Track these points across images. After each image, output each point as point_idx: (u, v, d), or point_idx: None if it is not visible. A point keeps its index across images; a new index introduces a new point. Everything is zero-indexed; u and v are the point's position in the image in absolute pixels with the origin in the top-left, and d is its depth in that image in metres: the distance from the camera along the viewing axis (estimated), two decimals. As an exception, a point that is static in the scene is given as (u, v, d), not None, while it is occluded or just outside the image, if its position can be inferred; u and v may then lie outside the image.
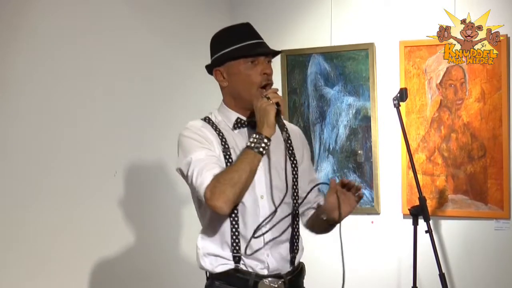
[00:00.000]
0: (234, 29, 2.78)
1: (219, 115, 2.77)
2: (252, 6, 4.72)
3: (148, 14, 4.10)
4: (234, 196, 2.53)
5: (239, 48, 2.69)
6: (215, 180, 2.53)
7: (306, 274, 2.92)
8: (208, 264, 2.69)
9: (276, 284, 2.69)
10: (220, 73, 2.74)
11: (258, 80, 2.68)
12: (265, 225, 2.67)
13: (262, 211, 2.68)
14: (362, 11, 4.37)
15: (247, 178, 2.55)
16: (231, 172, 2.55)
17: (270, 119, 2.58)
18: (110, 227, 3.86)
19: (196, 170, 2.57)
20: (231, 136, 2.71)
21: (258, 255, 2.67)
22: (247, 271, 2.66)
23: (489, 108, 4.02)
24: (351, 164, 4.38)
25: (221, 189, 2.51)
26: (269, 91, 2.64)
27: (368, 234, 4.35)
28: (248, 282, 2.66)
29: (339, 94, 4.41)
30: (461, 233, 4.12)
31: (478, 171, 4.06)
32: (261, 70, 2.68)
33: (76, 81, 3.72)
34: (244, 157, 2.57)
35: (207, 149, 2.63)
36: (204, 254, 2.70)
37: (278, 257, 2.72)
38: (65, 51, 3.67)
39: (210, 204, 2.53)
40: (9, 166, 3.44)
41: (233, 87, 2.72)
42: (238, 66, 2.69)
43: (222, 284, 2.68)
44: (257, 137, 2.58)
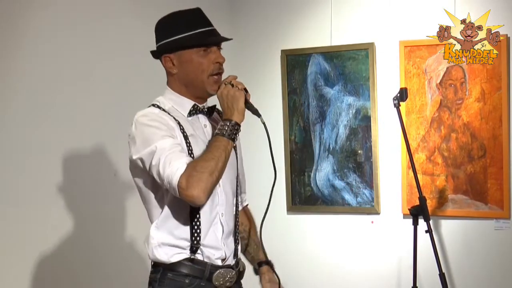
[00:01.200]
0: (185, 15, 2.68)
1: (168, 103, 2.65)
2: (252, 6, 4.72)
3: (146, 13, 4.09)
4: (212, 184, 2.45)
5: (192, 36, 2.61)
6: (190, 168, 2.42)
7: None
8: (163, 255, 2.59)
9: (230, 274, 2.66)
10: (170, 59, 2.64)
11: (210, 69, 2.62)
12: (222, 213, 2.65)
13: (220, 199, 2.65)
14: (362, 11, 4.37)
15: (223, 166, 2.49)
16: (207, 160, 2.46)
17: (240, 105, 2.56)
18: (110, 227, 3.86)
19: (163, 160, 2.46)
20: (187, 124, 2.63)
21: (216, 244, 2.63)
22: (202, 261, 2.60)
23: (489, 108, 4.02)
24: (351, 164, 4.38)
25: (198, 178, 2.41)
26: (230, 77, 2.62)
27: (368, 234, 4.35)
28: (204, 273, 2.60)
29: (339, 94, 4.41)
30: (461, 233, 4.12)
31: (478, 171, 4.06)
32: (214, 58, 2.63)
33: (76, 81, 3.72)
34: (217, 144, 2.50)
35: (170, 137, 2.51)
36: (158, 244, 2.60)
37: (230, 247, 2.69)
38: (66, 51, 3.67)
39: (186, 193, 2.41)
40: (9, 166, 3.44)
41: (184, 75, 2.64)
42: (190, 54, 2.62)
43: (176, 276, 2.59)
44: (228, 124, 2.53)
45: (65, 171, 3.67)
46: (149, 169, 2.51)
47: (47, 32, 3.61)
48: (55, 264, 3.63)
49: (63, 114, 3.66)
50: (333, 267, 4.45)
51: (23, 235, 3.47)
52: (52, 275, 3.61)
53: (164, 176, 2.45)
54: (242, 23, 4.74)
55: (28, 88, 3.52)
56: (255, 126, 4.69)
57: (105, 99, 3.85)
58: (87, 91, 3.75)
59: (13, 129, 3.46)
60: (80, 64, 3.74)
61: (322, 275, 4.48)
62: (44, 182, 3.56)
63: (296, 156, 4.53)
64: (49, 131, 3.59)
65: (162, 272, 2.60)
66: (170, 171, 2.44)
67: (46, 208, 3.58)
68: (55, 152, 3.63)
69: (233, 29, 4.75)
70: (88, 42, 3.77)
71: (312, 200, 4.49)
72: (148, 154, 2.50)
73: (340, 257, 4.43)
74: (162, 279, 2.60)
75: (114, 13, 3.96)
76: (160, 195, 2.60)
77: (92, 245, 3.78)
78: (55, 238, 3.63)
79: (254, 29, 4.70)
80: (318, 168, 4.47)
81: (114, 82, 3.91)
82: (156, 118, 2.56)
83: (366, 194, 4.33)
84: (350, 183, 4.38)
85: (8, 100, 3.45)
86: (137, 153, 2.53)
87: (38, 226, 3.55)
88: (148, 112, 2.59)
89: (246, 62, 4.71)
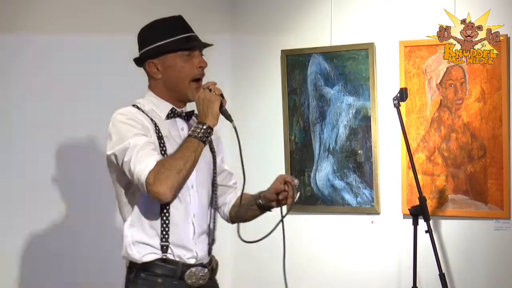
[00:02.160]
0: (167, 22, 2.78)
1: (147, 105, 2.74)
2: (252, 6, 4.72)
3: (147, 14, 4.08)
4: (178, 183, 2.53)
5: (175, 41, 2.71)
6: (159, 166, 2.51)
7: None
8: (136, 253, 2.65)
9: (202, 272, 2.71)
10: (154, 65, 2.73)
11: (193, 73, 2.72)
12: (194, 214, 2.70)
13: (193, 200, 2.71)
14: (362, 11, 4.37)
15: (191, 166, 2.56)
16: (176, 158, 2.54)
17: (215, 109, 2.63)
18: (110, 227, 3.86)
19: (134, 156, 2.54)
20: (164, 125, 2.71)
21: (187, 244, 2.68)
22: (174, 260, 2.66)
23: (489, 108, 4.02)
24: (351, 164, 4.38)
25: (165, 175, 2.49)
26: (209, 83, 2.68)
27: (368, 234, 4.35)
28: (176, 272, 2.65)
29: (339, 94, 4.41)
30: (461, 233, 4.12)
31: (478, 171, 4.06)
32: (197, 63, 2.73)
33: (76, 81, 3.72)
34: (188, 145, 2.57)
35: (144, 136, 2.60)
36: (132, 242, 2.66)
37: (202, 247, 2.74)
38: (66, 51, 3.68)
39: (153, 189, 2.49)
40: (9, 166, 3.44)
41: (168, 79, 2.73)
42: (174, 58, 2.71)
43: (149, 275, 2.65)
44: (200, 127, 2.60)
45: (65, 171, 3.67)
46: (122, 165, 2.58)
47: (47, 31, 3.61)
48: (55, 264, 3.63)
49: (64, 113, 3.66)
50: (333, 267, 4.44)
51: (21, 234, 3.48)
52: (51, 275, 3.61)
53: (134, 172, 2.53)
54: (242, 23, 4.73)
55: (28, 88, 3.52)
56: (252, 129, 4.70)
57: (106, 99, 3.84)
58: (87, 91, 3.75)
59: (13, 129, 3.46)
60: (81, 64, 3.74)
61: (322, 275, 4.47)
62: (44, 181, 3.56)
63: (296, 156, 4.53)
64: (49, 131, 3.59)
65: (136, 273, 2.67)
66: (140, 167, 2.51)
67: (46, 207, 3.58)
68: (56, 152, 3.63)
69: (233, 29, 4.75)
70: (87, 43, 3.77)
71: (312, 200, 4.49)
72: (121, 150, 2.58)
73: (340, 257, 4.42)
74: (135, 279, 2.66)
75: (113, 13, 3.96)
76: (131, 193, 2.66)
77: (92, 244, 3.78)
78: (54, 237, 3.63)
79: (254, 29, 4.70)
80: (318, 168, 4.47)
81: (115, 82, 3.91)
82: (132, 117, 2.64)
83: (366, 194, 4.33)
84: (350, 183, 4.38)
85: (7, 99, 3.45)
86: (111, 149, 2.61)
87: (38, 226, 3.56)
88: (125, 110, 2.68)
89: (246, 62, 4.72)
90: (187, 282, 2.67)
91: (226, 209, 2.93)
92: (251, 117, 4.66)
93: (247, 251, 4.70)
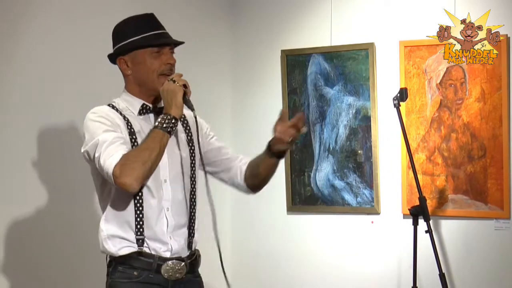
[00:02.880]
0: (139, 19, 2.83)
1: (122, 102, 2.81)
2: (252, 6, 4.72)
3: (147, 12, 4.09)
4: (144, 173, 2.57)
5: (145, 38, 2.76)
6: (124, 158, 2.56)
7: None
8: (111, 247, 2.71)
9: (179, 266, 2.74)
10: (124, 61, 2.79)
11: (161, 69, 2.76)
12: (168, 208, 2.74)
13: (165, 194, 2.74)
14: (362, 11, 4.37)
15: (157, 156, 2.59)
16: (141, 150, 2.59)
17: (178, 99, 2.65)
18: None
19: (103, 151, 2.59)
20: (136, 121, 2.76)
21: (162, 237, 2.72)
22: (150, 253, 2.70)
23: (489, 108, 4.02)
24: (351, 164, 4.38)
25: (131, 166, 2.54)
26: (174, 75, 2.72)
27: (368, 234, 4.35)
28: (152, 265, 2.70)
29: (339, 94, 4.41)
30: (461, 233, 4.12)
31: (478, 171, 4.06)
32: (165, 59, 2.77)
33: (77, 81, 3.72)
34: (153, 136, 2.61)
35: (113, 131, 2.65)
36: (107, 236, 2.72)
37: (179, 240, 2.76)
38: (66, 51, 3.67)
39: (120, 181, 2.54)
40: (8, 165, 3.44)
41: (137, 75, 2.78)
42: (143, 55, 2.76)
43: (126, 268, 2.70)
44: (164, 118, 2.64)
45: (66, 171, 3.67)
46: (93, 161, 2.64)
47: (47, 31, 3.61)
48: (55, 264, 3.63)
49: (64, 113, 3.66)
50: (333, 267, 4.44)
51: (20, 234, 3.47)
52: (50, 275, 3.61)
53: (104, 167, 2.58)
54: (242, 23, 4.73)
55: (27, 88, 3.52)
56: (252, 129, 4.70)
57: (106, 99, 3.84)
58: (86, 91, 3.74)
59: (13, 129, 3.46)
60: (81, 64, 3.74)
61: (322, 275, 4.47)
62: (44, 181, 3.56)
63: (296, 156, 4.53)
64: (50, 130, 3.59)
65: (114, 266, 2.73)
66: (109, 161, 2.57)
67: (46, 207, 3.58)
68: (56, 152, 3.63)
69: (233, 29, 4.75)
70: (88, 43, 3.77)
71: (312, 200, 4.49)
72: (92, 146, 2.64)
73: (340, 257, 4.42)
74: (114, 272, 2.73)
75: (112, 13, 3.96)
76: (108, 188, 2.71)
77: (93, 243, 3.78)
78: (53, 238, 3.63)
79: (254, 29, 4.70)
80: (318, 168, 4.47)
81: (115, 82, 3.90)
82: (102, 115, 2.71)
83: (366, 194, 4.33)
84: (350, 183, 4.38)
85: (7, 99, 3.45)
86: (84, 147, 2.68)
87: (38, 226, 3.55)
88: (97, 109, 2.75)
89: (246, 62, 4.72)
90: (164, 276, 2.71)
91: (239, 179, 2.95)
92: (251, 117, 4.66)
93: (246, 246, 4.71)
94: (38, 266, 3.60)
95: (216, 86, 4.59)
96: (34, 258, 3.59)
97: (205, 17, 4.57)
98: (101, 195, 2.77)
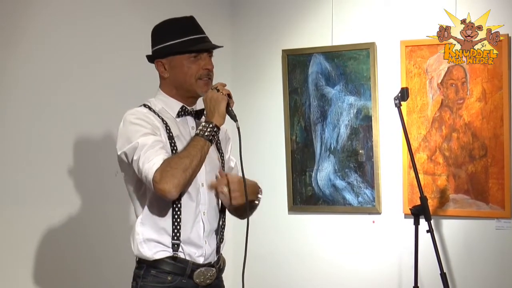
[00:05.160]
0: (178, 22, 2.82)
1: (158, 104, 2.80)
2: (252, 6, 4.72)
3: (147, 13, 4.10)
4: (184, 181, 2.57)
5: (183, 42, 2.75)
6: (165, 164, 2.55)
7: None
8: (147, 250, 2.70)
9: (211, 272, 2.76)
10: (162, 64, 2.79)
11: (199, 74, 2.75)
12: (204, 212, 2.75)
13: (203, 198, 2.76)
14: (363, 11, 4.38)
15: (198, 164, 2.60)
16: (182, 157, 2.58)
17: (221, 109, 2.66)
18: (111, 227, 3.87)
19: (143, 155, 2.58)
20: (174, 124, 2.76)
21: (197, 242, 2.73)
22: (184, 259, 2.71)
23: (490, 108, 4.02)
24: (352, 164, 4.38)
25: (172, 173, 2.53)
26: (218, 83, 2.71)
27: (369, 233, 4.35)
28: (186, 271, 2.71)
29: (340, 94, 4.41)
30: (462, 233, 4.12)
31: (479, 171, 4.06)
32: (203, 65, 2.76)
33: (77, 81, 3.73)
34: (194, 143, 2.61)
35: (153, 135, 2.64)
36: (144, 240, 2.71)
37: (212, 245, 2.78)
38: (67, 51, 3.68)
39: (159, 187, 2.54)
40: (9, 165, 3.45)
41: (175, 78, 2.77)
42: (181, 60, 2.75)
43: (159, 273, 2.70)
44: (207, 126, 2.64)
45: (66, 171, 3.67)
46: (131, 164, 2.63)
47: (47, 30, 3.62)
48: (55, 263, 3.64)
49: (64, 113, 3.67)
50: (335, 267, 4.45)
51: (22, 234, 3.48)
52: (51, 274, 3.62)
53: (143, 171, 2.57)
54: (243, 23, 4.74)
55: (28, 87, 3.53)
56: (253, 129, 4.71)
57: (106, 99, 3.85)
58: (88, 90, 3.75)
59: (13, 129, 3.47)
60: (81, 63, 3.75)
61: (323, 274, 4.48)
62: (44, 181, 3.57)
63: (297, 156, 4.53)
64: (50, 130, 3.60)
65: (146, 269, 2.72)
66: (148, 166, 2.56)
67: (47, 207, 3.59)
68: (56, 152, 3.64)
69: (234, 29, 4.76)
70: (88, 42, 3.78)
71: (313, 200, 4.49)
72: (131, 149, 2.62)
73: (341, 257, 4.43)
74: (146, 275, 2.71)
75: (114, 12, 3.96)
76: (143, 191, 2.71)
77: (93, 245, 3.79)
78: (56, 238, 3.64)
79: (254, 29, 4.70)
80: (319, 168, 4.47)
81: (116, 81, 3.92)
82: (142, 117, 2.69)
83: (367, 194, 4.33)
84: (351, 183, 4.38)
85: (8, 99, 3.46)
86: (122, 149, 2.67)
87: (39, 226, 3.56)
88: (136, 111, 2.73)
89: (246, 62, 4.72)
90: (195, 281, 2.72)
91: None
92: (252, 116, 4.66)
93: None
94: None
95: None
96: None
97: (205, 17, 4.55)
98: (135, 197, 2.75)
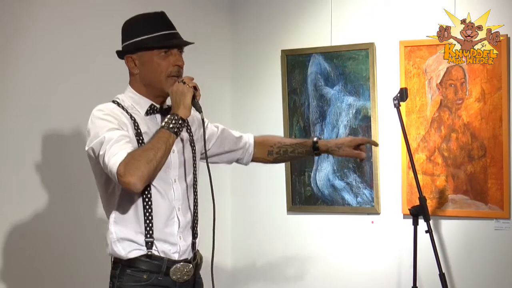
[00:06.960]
0: (149, 17, 2.79)
1: (127, 100, 2.77)
2: (252, 6, 4.72)
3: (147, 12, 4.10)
4: (149, 173, 2.54)
5: (153, 38, 2.72)
6: (129, 157, 2.52)
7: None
8: (121, 250, 2.68)
9: (187, 268, 2.75)
10: (132, 60, 2.76)
11: (169, 70, 2.73)
12: (179, 208, 2.74)
13: (176, 194, 2.74)
14: (362, 11, 4.37)
15: (162, 156, 2.57)
16: (146, 149, 2.56)
17: (187, 101, 2.64)
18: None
19: (108, 149, 2.56)
20: (143, 121, 2.74)
21: (171, 238, 2.71)
22: (159, 256, 2.69)
23: (489, 108, 4.02)
24: (351, 164, 4.38)
25: (136, 165, 2.51)
26: (185, 77, 2.70)
27: (368, 234, 4.35)
28: (161, 268, 2.69)
29: (339, 94, 4.41)
30: (461, 233, 4.12)
31: (478, 171, 4.06)
32: (173, 61, 2.74)
33: (77, 80, 3.73)
34: (159, 136, 2.59)
35: (120, 130, 2.62)
36: (117, 239, 2.69)
37: (187, 241, 2.77)
38: (67, 51, 3.68)
39: (123, 180, 2.51)
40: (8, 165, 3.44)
41: (144, 75, 2.75)
42: (151, 55, 2.73)
43: (135, 271, 2.68)
44: (172, 118, 2.62)
45: (66, 171, 3.67)
46: (97, 158, 2.61)
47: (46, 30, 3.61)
48: (55, 263, 3.64)
49: (63, 113, 3.66)
50: (333, 267, 4.44)
51: (20, 234, 3.48)
52: (49, 274, 3.61)
53: (108, 165, 2.55)
54: (242, 23, 4.74)
55: (28, 87, 3.52)
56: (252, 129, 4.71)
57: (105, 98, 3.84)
58: (87, 90, 3.75)
59: (13, 128, 3.47)
60: (81, 64, 3.74)
61: (322, 275, 4.48)
62: (42, 181, 3.56)
63: (296, 156, 4.53)
64: (49, 130, 3.59)
65: (121, 268, 2.70)
66: (113, 159, 2.54)
67: (46, 207, 3.59)
68: (55, 152, 3.63)
69: (233, 29, 4.75)
70: (87, 42, 3.77)
71: (312, 200, 4.49)
72: (97, 144, 2.60)
73: (340, 257, 4.43)
74: (121, 275, 2.69)
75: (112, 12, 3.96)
76: (112, 188, 2.69)
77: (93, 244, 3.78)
78: (53, 237, 3.63)
79: (254, 29, 4.70)
80: (318, 168, 4.47)
81: (115, 81, 3.90)
82: (109, 113, 2.67)
83: (366, 194, 4.33)
84: (350, 183, 4.38)
85: (7, 99, 3.46)
86: (89, 144, 2.65)
87: (37, 226, 3.56)
88: (104, 106, 2.72)
89: (246, 62, 4.72)
90: (172, 278, 2.71)
91: (244, 161, 3.16)
92: (251, 117, 4.66)
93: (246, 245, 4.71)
94: (40, 268, 3.61)
95: (216, 86, 4.59)
96: (35, 260, 3.59)
97: (205, 17, 4.57)
98: (104, 195, 2.74)
